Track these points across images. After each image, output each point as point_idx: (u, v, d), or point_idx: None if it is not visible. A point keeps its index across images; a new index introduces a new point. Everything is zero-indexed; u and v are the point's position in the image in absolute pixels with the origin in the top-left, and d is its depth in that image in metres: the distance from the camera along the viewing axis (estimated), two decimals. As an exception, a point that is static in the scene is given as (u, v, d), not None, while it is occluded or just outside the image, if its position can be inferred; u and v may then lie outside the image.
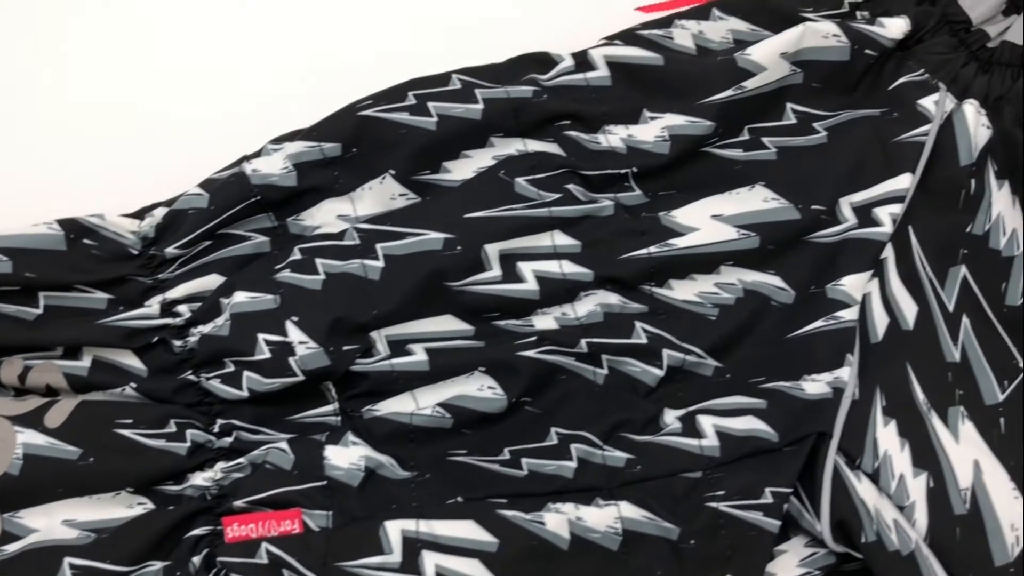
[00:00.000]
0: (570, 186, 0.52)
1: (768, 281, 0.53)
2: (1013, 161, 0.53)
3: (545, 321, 0.51)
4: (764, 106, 0.54)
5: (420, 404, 0.49)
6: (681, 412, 0.50)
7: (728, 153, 0.54)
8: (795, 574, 0.47)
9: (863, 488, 0.47)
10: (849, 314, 0.51)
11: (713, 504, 0.47)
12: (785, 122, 0.55)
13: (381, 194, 0.52)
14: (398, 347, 0.49)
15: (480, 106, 0.51)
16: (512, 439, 0.49)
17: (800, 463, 0.47)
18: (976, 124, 0.55)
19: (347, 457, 0.47)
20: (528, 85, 0.52)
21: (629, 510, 0.47)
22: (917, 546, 0.47)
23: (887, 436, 0.49)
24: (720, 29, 0.55)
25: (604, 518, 0.47)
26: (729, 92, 0.52)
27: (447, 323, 0.50)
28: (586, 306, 0.51)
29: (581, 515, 0.47)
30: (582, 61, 0.52)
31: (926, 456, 0.48)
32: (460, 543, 0.45)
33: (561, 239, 0.51)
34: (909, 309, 0.52)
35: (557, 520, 0.46)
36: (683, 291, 0.52)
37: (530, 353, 0.49)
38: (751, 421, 0.49)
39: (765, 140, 0.55)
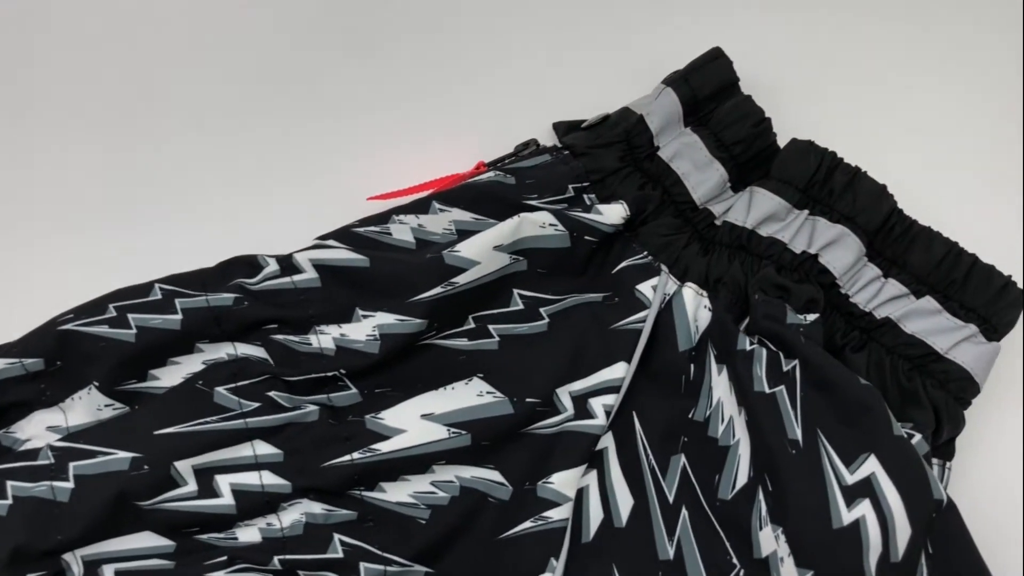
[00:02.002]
0: (272, 393, 0.51)
1: (486, 477, 0.52)
2: (727, 346, 0.53)
3: (249, 533, 0.50)
4: (490, 295, 0.54)
5: None
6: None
7: (453, 343, 0.54)
8: None
9: None
10: (558, 513, 0.51)
11: None
12: (512, 308, 0.55)
13: (89, 405, 0.51)
14: (91, 568, 0.48)
15: (179, 316, 0.51)
16: (203, 666, 0.48)
17: None
18: (696, 307, 0.55)
19: None
20: (232, 292, 0.52)
21: None
22: None
23: (582, 647, 0.47)
24: (442, 221, 0.56)
25: None
26: (438, 289, 0.52)
27: (146, 540, 0.49)
28: (290, 516, 0.50)
29: None
30: (287, 265, 0.53)
31: (621, 670, 0.47)
32: None
33: (262, 448, 0.51)
34: (625, 504, 0.52)
35: None
36: (396, 493, 0.52)
37: (218, 574, 0.48)
38: (442, 635, 0.48)
39: (491, 328, 0.55)
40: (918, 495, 0.48)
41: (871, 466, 0.48)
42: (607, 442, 0.53)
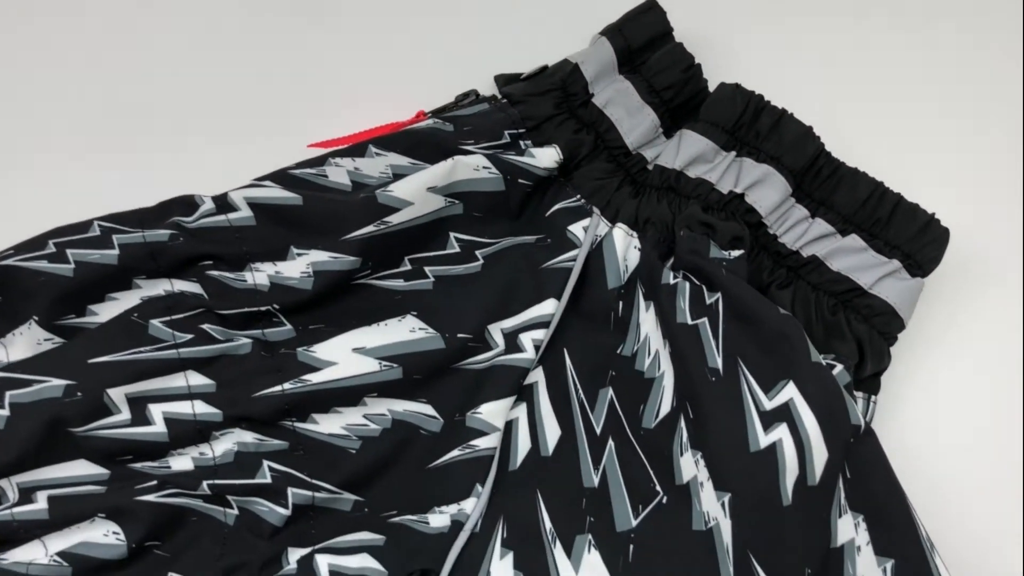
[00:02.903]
0: (206, 326, 0.52)
1: (418, 410, 0.53)
2: (653, 282, 0.54)
3: (181, 462, 0.51)
4: (426, 237, 0.56)
5: (49, 551, 0.49)
6: (303, 552, 0.49)
7: (388, 284, 0.55)
8: None
9: (466, 625, 0.47)
10: (486, 442, 0.51)
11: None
12: (449, 251, 0.56)
13: (29, 340, 0.52)
14: (26, 495, 0.49)
15: (116, 251, 0.52)
16: (133, 586, 0.49)
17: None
18: (626, 247, 0.56)
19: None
20: (169, 229, 0.53)
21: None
22: None
23: (501, 569, 0.48)
24: (379, 164, 0.57)
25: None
26: (371, 228, 0.53)
27: (81, 468, 0.50)
28: (223, 445, 0.51)
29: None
30: (223, 203, 0.54)
31: (540, 587, 0.48)
32: None
33: (195, 379, 0.52)
34: (552, 434, 0.53)
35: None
36: (327, 425, 0.53)
37: (149, 498, 0.49)
38: (365, 559, 0.49)
39: (426, 269, 0.56)
40: (835, 420, 0.49)
41: (789, 392, 0.49)
42: (537, 377, 0.54)
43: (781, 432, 0.48)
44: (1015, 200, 0.63)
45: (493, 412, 0.52)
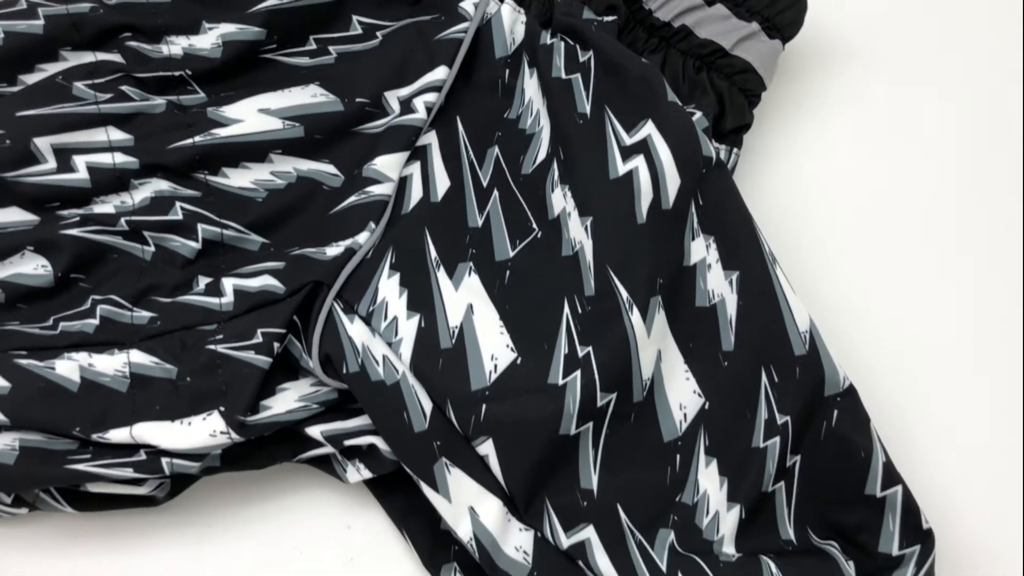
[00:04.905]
0: (124, 87, 0.58)
1: (321, 168, 0.59)
2: (534, 47, 0.59)
3: (104, 208, 0.56)
4: (328, 17, 0.61)
5: None
6: (212, 278, 0.55)
7: (294, 60, 0.60)
8: (292, 406, 0.52)
9: (353, 328, 0.52)
10: (380, 189, 0.57)
11: (212, 347, 0.52)
12: (352, 32, 0.61)
13: None
14: None
15: (41, 21, 0.57)
16: (59, 310, 0.54)
17: (293, 308, 0.52)
18: (513, 22, 0.61)
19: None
20: (88, 2, 0.58)
21: (138, 356, 0.52)
22: (403, 376, 0.52)
23: (388, 286, 0.54)
24: (285, -50, 0.62)
25: (114, 364, 0.52)
26: (274, 1, 0.58)
27: (13, 215, 0.56)
28: (142, 194, 0.57)
29: (93, 362, 0.52)
30: (140, -19, 0.59)
31: (422, 301, 0.53)
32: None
33: (115, 134, 0.57)
34: (443, 184, 0.58)
35: (68, 366, 0.51)
36: (238, 179, 0.58)
37: (73, 232, 0.55)
38: (266, 279, 0.54)
39: (330, 48, 0.61)
40: (688, 151, 0.54)
41: (648, 130, 0.54)
42: (431, 140, 0.59)
43: (638, 162, 0.54)
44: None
45: (387, 164, 0.57)
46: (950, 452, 0.59)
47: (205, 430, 0.50)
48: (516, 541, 0.51)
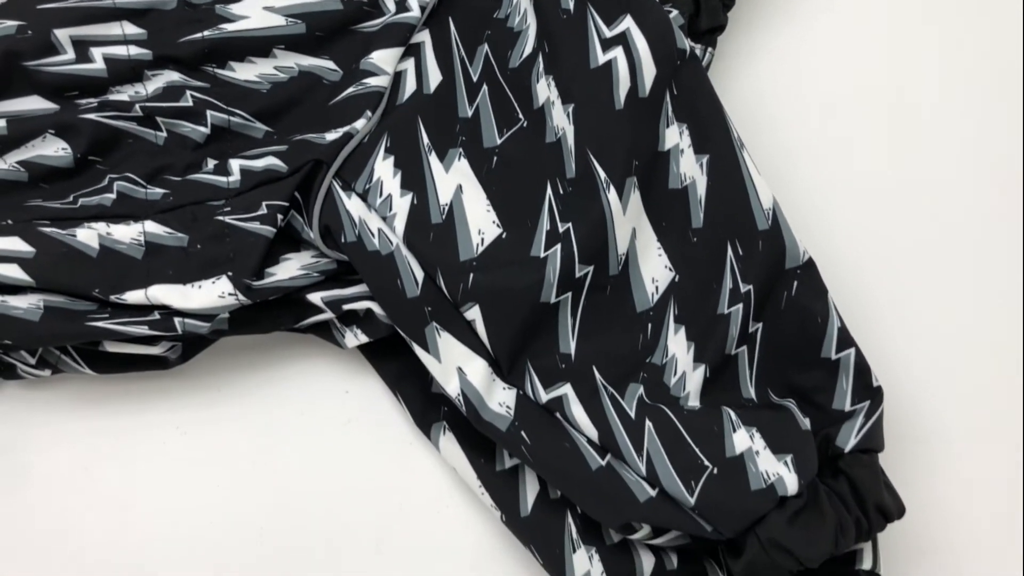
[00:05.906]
0: (139, -12, 0.62)
1: (322, 64, 0.63)
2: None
3: (120, 97, 0.61)
4: None
5: (8, 161, 0.59)
6: (220, 160, 0.59)
7: None
8: (295, 273, 0.57)
9: (351, 203, 0.57)
10: (376, 81, 0.61)
11: (220, 218, 0.57)
12: None
13: None
14: None
15: None
16: (79, 188, 0.59)
17: (295, 183, 0.56)
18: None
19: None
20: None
21: (152, 227, 0.57)
22: (396, 248, 0.56)
23: (383, 167, 0.58)
24: None
25: (130, 232, 0.56)
26: None
27: (34, 103, 0.60)
28: (154, 84, 0.61)
29: (111, 231, 0.56)
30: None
31: (415, 181, 0.58)
32: (3, 253, 0.55)
33: (129, 28, 0.61)
34: (435, 79, 0.62)
35: (88, 234, 0.56)
36: (244, 72, 0.62)
37: (91, 116, 0.59)
38: (270, 160, 0.58)
39: None
40: (664, 44, 0.58)
41: (626, 23, 0.58)
42: (424, 38, 0.63)
43: (617, 52, 0.58)
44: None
45: (383, 58, 0.61)
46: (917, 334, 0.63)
47: (215, 292, 0.55)
48: (500, 398, 0.55)
